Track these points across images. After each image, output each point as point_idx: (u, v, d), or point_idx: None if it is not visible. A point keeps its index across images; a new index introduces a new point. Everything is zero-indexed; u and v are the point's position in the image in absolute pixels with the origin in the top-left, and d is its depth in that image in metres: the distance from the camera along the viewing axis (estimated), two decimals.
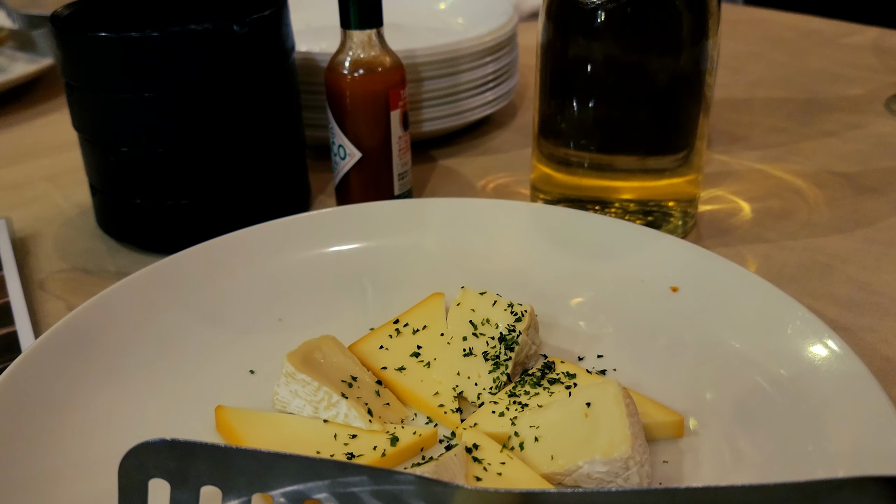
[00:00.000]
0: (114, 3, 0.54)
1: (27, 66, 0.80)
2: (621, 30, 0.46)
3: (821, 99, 0.74)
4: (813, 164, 0.62)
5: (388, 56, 0.51)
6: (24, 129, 0.73)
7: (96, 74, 0.47)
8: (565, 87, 0.50)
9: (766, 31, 0.94)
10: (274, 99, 0.51)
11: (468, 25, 0.71)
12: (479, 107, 0.64)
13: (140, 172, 0.49)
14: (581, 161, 0.51)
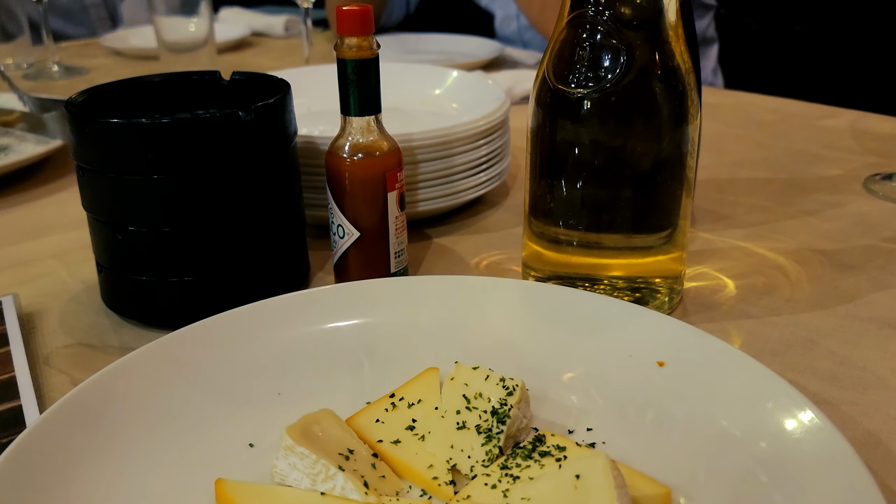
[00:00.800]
0: (125, 90, 0.57)
1: (36, 147, 0.83)
2: (606, 117, 0.49)
3: (801, 179, 0.77)
4: (794, 241, 0.64)
5: (386, 140, 0.53)
6: (32, 208, 0.75)
7: (107, 157, 0.49)
8: (554, 169, 0.53)
9: (748, 114, 0.98)
10: (276, 181, 0.53)
11: (462, 110, 0.75)
12: (472, 187, 0.67)
13: (146, 250, 0.51)
14: (570, 239, 0.53)
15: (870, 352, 0.50)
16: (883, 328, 0.52)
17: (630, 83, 0.48)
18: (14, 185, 0.80)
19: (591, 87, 0.48)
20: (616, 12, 0.48)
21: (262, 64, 1.28)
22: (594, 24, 0.48)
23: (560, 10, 0.51)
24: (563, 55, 0.49)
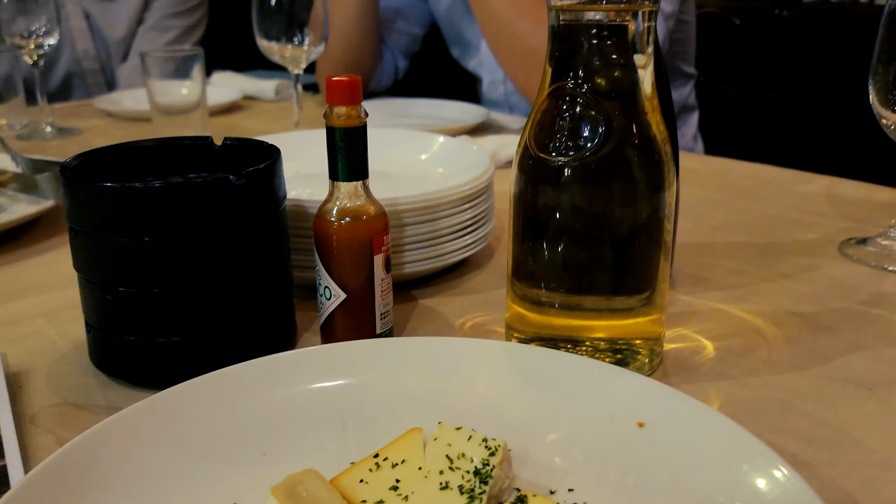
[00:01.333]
0: (119, 154, 0.58)
1: (28, 207, 0.84)
2: (585, 184, 0.51)
3: (778, 243, 0.79)
4: (771, 304, 0.66)
5: (373, 205, 0.55)
6: (23, 267, 0.76)
7: (100, 220, 0.51)
8: (536, 233, 0.54)
9: (726, 179, 1.00)
10: (265, 244, 0.54)
11: (448, 175, 0.77)
12: (457, 250, 0.68)
13: (136, 311, 0.52)
14: (552, 301, 0.55)
15: (846, 413, 0.51)
16: (858, 389, 0.53)
17: (608, 152, 0.50)
18: (5, 245, 0.80)
19: (571, 155, 0.50)
20: (594, 85, 0.51)
21: (254, 127, 1.30)
22: (574, 96, 0.50)
23: (541, 82, 0.53)
24: (544, 125, 0.51)
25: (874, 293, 0.68)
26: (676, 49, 1.40)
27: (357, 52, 1.44)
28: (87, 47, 1.69)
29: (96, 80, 1.73)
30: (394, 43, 1.55)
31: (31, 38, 1.20)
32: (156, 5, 1.75)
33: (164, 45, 1.74)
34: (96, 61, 1.72)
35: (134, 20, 1.74)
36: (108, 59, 1.74)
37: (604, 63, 0.52)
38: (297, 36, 1.05)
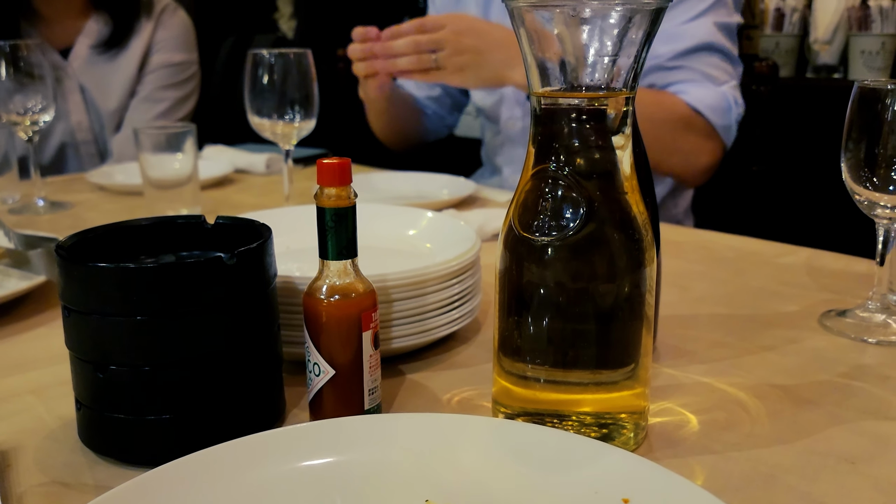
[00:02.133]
0: (113, 233, 0.60)
1: (19, 283, 0.85)
2: (568, 262, 0.53)
3: (760, 315, 0.80)
4: (754, 377, 0.67)
5: (362, 283, 0.56)
6: (11, 343, 0.76)
7: (93, 299, 0.52)
8: (521, 309, 0.56)
9: (709, 252, 1.02)
10: (255, 321, 0.55)
11: (435, 250, 0.78)
12: (444, 325, 0.69)
13: (126, 389, 0.52)
14: (537, 376, 0.56)
15: (828, 487, 0.51)
16: (840, 463, 0.54)
17: (589, 232, 0.52)
18: None
19: (554, 235, 0.51)
20: (575, 167, 0.53)
21: (244, 201, 1.32)
22: (556, 178, 0.52)
23: (525, 164, 0.55)
24: (528, 205, 0.53)
25: (854, 365, 0.69)
26: None
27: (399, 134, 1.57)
28: (81, 119, 1.73)
29: (89, 150, 1.76)
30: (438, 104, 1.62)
31: (28, 114, 1.22)
32: (148, 78, 1.80)
33: (156, 115, 1.78)
34: (90, 132, 1.76)
35: (127, 92, 1.78)
36: (101, 130, 1.78)
37: (583, 145, 0.54)
38: (288, 113, 1.08)
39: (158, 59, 1.81)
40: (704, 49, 1.31)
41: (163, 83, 1.81)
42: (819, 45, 2.07)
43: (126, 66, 1.77)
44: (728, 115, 1.33)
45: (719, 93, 1.32)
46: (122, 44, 1.76)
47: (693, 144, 1.33)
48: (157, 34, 1.81)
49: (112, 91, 1.77)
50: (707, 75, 1.32)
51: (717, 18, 1.31)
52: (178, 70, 1.84)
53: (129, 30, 1.76)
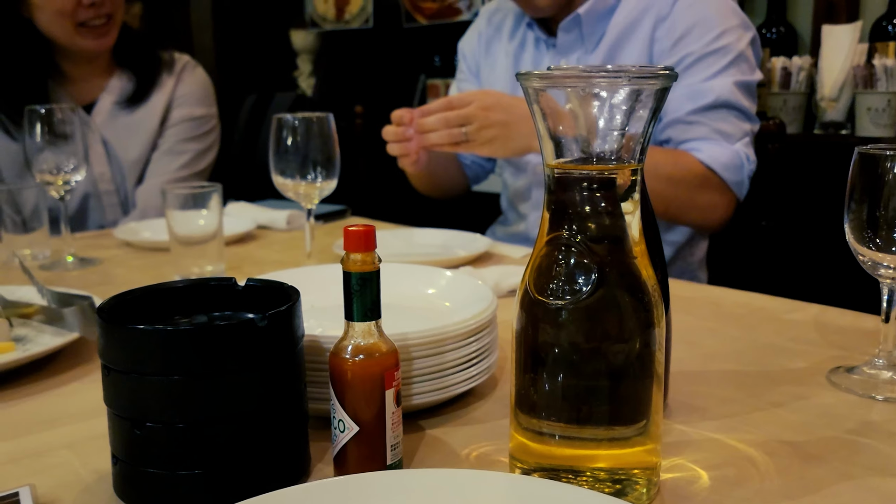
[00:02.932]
0: (149, 295, 0.63)
1: (53, 339, 0.88)
2: (580, 324, 0.55)
3: (769, 371, 0.82)
4: (763, 433, 0.69)
5: (385, 343, 0.59)
6: (46, 399, 0.79)
7: (132, 359, 0.55)
8: (536, 366, 0.58)
9: (719, 308, 1.05)
10: (284, 380, 0.58)
11: (454, 309, 0.81)
12: (463, 381, 0.72)
13: (161, 445, 0.55)
14: (553, 432, 0.58)
15: None
16: None
17: (601, 296, 0.55)
18: (29, 375, 0.84)
19: (567, 299, 0.55)
20: (587, 233, 0.56)
21: (267, 257, 1.36)
22: (569, 245, 0.55)
23: (539, 232, 0.59)
24: (543, 270, 0.56)
25: (862, 422, 0.71)
26: None
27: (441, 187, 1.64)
28: (104, 170, 1.79)
29: (111, 200, 1.82)
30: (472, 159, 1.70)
31: (60, 174, 1.27)
32: (170, 132, 1.86)
33: (177, 167, 1.84)
34: (111, 183, 1.81)
35: (149, 145, 1.85)
36: (123, 181, 1.83)
37: (595, 212, 0.57)
38: (310, 174, 1.12)
39: (179, 114, 1.87)
40: (722, 106, 1.36)
41: (184, 136, 1.87)
42: (826, 102, 2.11)
43: (148, 119, 1.84)
44: (741, 171, 1.38)
45: (732, 150, 1.37)
46: (144, 99, 1.83)
47: (709, 200, 1.38)
48: (178, 90, 1.88)
49: (134, 144, 1.83)
50: (722, 132, 1.37)
51: (737, 76, 1.36)
52: (199, 123, 1.90)
53: (151, 86, 1.84)
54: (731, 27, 1.34)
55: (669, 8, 1.36)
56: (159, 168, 1.83)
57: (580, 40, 1.45)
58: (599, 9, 1.41)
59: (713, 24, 1.33)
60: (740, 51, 1.34)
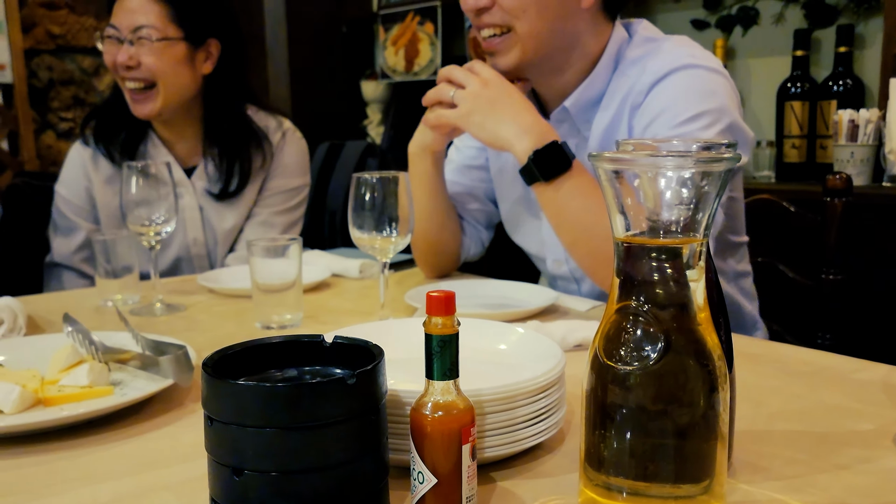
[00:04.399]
0: (247, 350, 0.69)
1: (149, 384, 0.95)
2: (647, 388, 0.59)
3: (834, 433, 0.84)
4: (828, 496, 0.70)
5: (462, 400, 0.64)
6: (144, 441, 0.85)
7: (234, 412, 0.60)
8: (605, 425, 0.62)
9: (783, 365, 1.06)
10: (368, 433, 0.63)
11: (525, 365, 0.85)
12: (532, 436, 0.76)
13: (257, 492, 0.60)
14: (620, 488, 0.61)
15: None
16: None
17: (667, 362, 0.58)
18: (126, 419, 0.91)
19: (636, 365, 0.58)
20: (654, 302, 0.60)
21: (341, 306, 1.42)
22: (637, 314, 0.59)
23: (609, 298, 0.63)
24: (611, 337, 0.60)
25: None
26: (727, 224, 1.49)
27: (439, 240, 1.58)
28: (198, 236, 1.86)
29: (202, 263, 1.89)
30: (473, 218, 1.67)
31: (152, 225, 1.36)
32: (264, 202, 1.92)
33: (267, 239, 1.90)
34: (203, 248, 1.88)
35: (243, 215, 1.90)
36: (215, 247, 1.89)
37: (662, 280, 0.61)
38: (385, 229, 1.18)
39: (276, 184, 1.92)
40: None
41: (278, 208, 1.92)
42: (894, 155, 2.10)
43: (245, 190, 1.89)
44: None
45: None
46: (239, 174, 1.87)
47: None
48: (277, 160, 1.92)
49: (230, 214, 1.88)
50: None
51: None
52: (293, 194, 1.95)
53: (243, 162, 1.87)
54: (700, 113, 1.30)
55: (643, 97, 1.35)
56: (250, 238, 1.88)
57: (574, 129, 1.46)
58: (584, 101, 1.42)
59: (680, 109, 1.30)
60: (713, 135, 1.29)
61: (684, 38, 1.43)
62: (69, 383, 0.95)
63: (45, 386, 0.95)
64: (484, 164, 1.65)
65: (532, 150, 1.28)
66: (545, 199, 1.32)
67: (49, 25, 3.20)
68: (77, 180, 1.88)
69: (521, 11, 1.34)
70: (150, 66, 1.74)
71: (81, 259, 1.87)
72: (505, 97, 1.32)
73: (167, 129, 1.89)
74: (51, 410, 0.90)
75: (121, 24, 1.73)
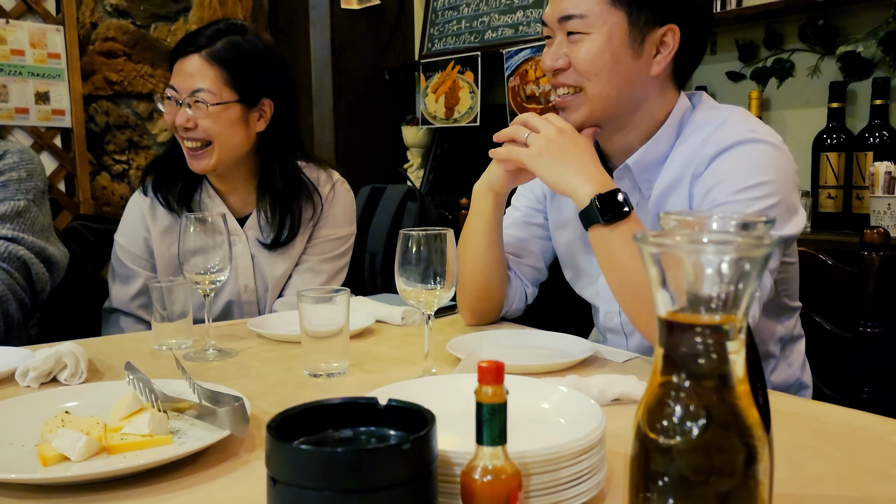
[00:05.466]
0: (307, 412, 0.73)
1: (207, 434, 0.99)
2: (688, 459, 0.62)
3: (873, 498, 0.85)
4: None
5: (510, 465, 0.67)
6: (200, 492, 0.89)
7: (296, 474, 0.64)
8: (648, 491, 0.65)
9: (821, 426, 1.07)
10: (421, 494, 0.67)
11: (567, 426, 0.88)
12: (575, 496, 0.79)
13: None
14: None
15: None
16: None
17: (708, 436, 0.61)
18: (184, 468, 0.95)
19: (678, 439, 0.61)
20: (695, 379, 0.63)
21: (385, 353, 1.47)
22: (678, 389, 0.62)
23: (653, 368, 0.66)
24: (654, 410, 0.63)
25: None
26: (781, 287, 1.51)
27: (487, 284, 1.62)
28: (249, 283, 1.92)
29: (251, 309, 1.95)
30: (522, 273, 1.71)
31: (207, 274, 1.42)
32: (312, 250, 1.98)
33: (316, 286, 1.95)
34: (254, 294, 1.94)
35: (293, 264, 1.96)
36: (265, 294, 1.96)
37: (704, 355, 0.64)
38: (431, 282, 1.22)
39: (324, 233, 1.99)
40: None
41: (324, 255, 1.99)
42: None
43: (295, 239, 1.96)
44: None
45: None
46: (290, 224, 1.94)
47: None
48: (325, 211, 1.99)
49: (280, 262, 1.95)
50: None
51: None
52: (340, 243, 2.01)
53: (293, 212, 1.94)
54: (757, 184, 1.34)
55: (704, 167, 1.41)
56: (300, 285, 1.95)
57: (635, 187, 1.52)
58: (645, 161, 1.49)
59: (739, 179, 1.35)
60: (768, 205, 1.33)
61: (745, 111, 1.48)
62: (131, 431, 1.00)
63: (108, 433, 1.00)
64: (542, 223, 1.73)
65: (595, 193, 1.36)
66: (600, 242, 1.38)
67: (107, 73, 3.34)
68: (136, 231, 1.96)
69: (593, 74, 1.43)
70: (207, 128, 1.82)
71: (138, 305, 1.95)
72: (575, 147, 1.40)
73: (222, 181, 1.97)
74: (113, 459, 0.95)
75: (179, 86, 1.82)
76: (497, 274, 1.63)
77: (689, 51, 1.47)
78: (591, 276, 1.63)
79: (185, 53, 1.81)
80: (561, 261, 1.72)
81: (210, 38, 1.82)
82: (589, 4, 1.41)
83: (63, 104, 3.09)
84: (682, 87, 1.52)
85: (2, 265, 1.63)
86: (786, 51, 2.69)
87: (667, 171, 1.48)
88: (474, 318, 1.67)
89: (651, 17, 1.41)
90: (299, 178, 1.96)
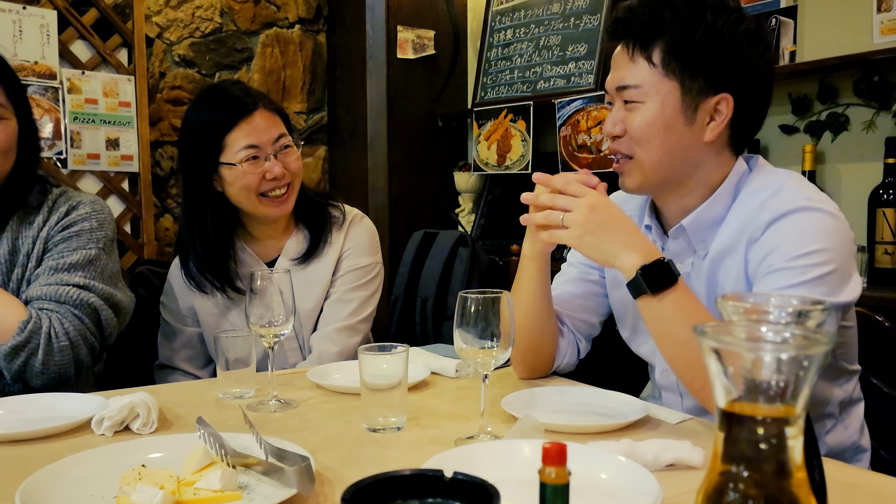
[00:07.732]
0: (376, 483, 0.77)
1: (274, 491, 1.04)
2: None
3: None
4: None
5: None
6: None
7: None
8: None
9: (880, 498, 1.07)
10: None
11: (624, 499, 0.91)
12: None
13: None
14: None
15: None
16: None
17: None
18: None
19: None
20: (753, 468, 0.65)
21: (441, 408, 1.50)
22: (737, 480, 0.65)
23: (713, 452, 0.68)
24: (713, 498, 0.66)
25: None
26: (839, 351, 1.51)
27: (538, 339, 1.65)
28: None
29: (291, 346, 2.03)
30: (576, 327, 1.74)
31: (270, 327, 1.48)
32: (339, 281, 2.07)
33: (346, 315, 2.03)
34: (291, 330, 2.03)
35: (322, 295, 2.05)
36: (301, 328, 2.04)
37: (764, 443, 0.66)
38: (488, 343, 1.26)
39: (348, 264, 2.09)
40: None
41: (351, 285, 2.07)
42: None
43: (321, 272, 2.06)
44: None
45: None
46: (317, 255, 2.06)
47: None
48: (347, 242, 2.10)
49: (310, 296, 2.04)
50: None
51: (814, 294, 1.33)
52: (365, 272, 2.10)
53: (323, 244, 2.07)
54: (813, 251, 1.35)
55: (760, 232, 1.42)
56: (331, 316, 2.04)
57: (690, 248, 1.55)
58: (700, 222, 1.51)
59: (796, 245, 1.36)
60: (823, 272, 1.34)
61: (801, 177, 1.51)
62: (203, 486, 1.05)
63: (182, 487, 1.05)
64: (597, 280, 1.76)
65: (640, 265, 1.38)
66: (649, 312, 1.40)
67: (173, 119, 3.48)
68: (178, 293, 2.09)
69: (645, 142, 1.48)
70: (296, 169, 1.99)
71: (182, 359, 2.04)
72: (612, 220, 1.42)
73: (260, 227, 2.09)
74: None
75: (260, 140, 1.93)
76: (548, 329, 1.66)
77: (745, 118, 1.49)
78: (647, 334, 1.64)
79: (248, 112, 1.93)
80: (617, 318, 1.75)
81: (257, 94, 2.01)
82: (643, 75, 1.45)
83: (131, 150, 3.23)
84: (740, 153, 1.55)
85: (74, 312, 1.71)
86: (840, 105, 2.69)
87: (723, 233, 1.50)
88: (526, 371, 1.70)
89: (704, 86, 1.45)
90: (328, 210, 2.12)
